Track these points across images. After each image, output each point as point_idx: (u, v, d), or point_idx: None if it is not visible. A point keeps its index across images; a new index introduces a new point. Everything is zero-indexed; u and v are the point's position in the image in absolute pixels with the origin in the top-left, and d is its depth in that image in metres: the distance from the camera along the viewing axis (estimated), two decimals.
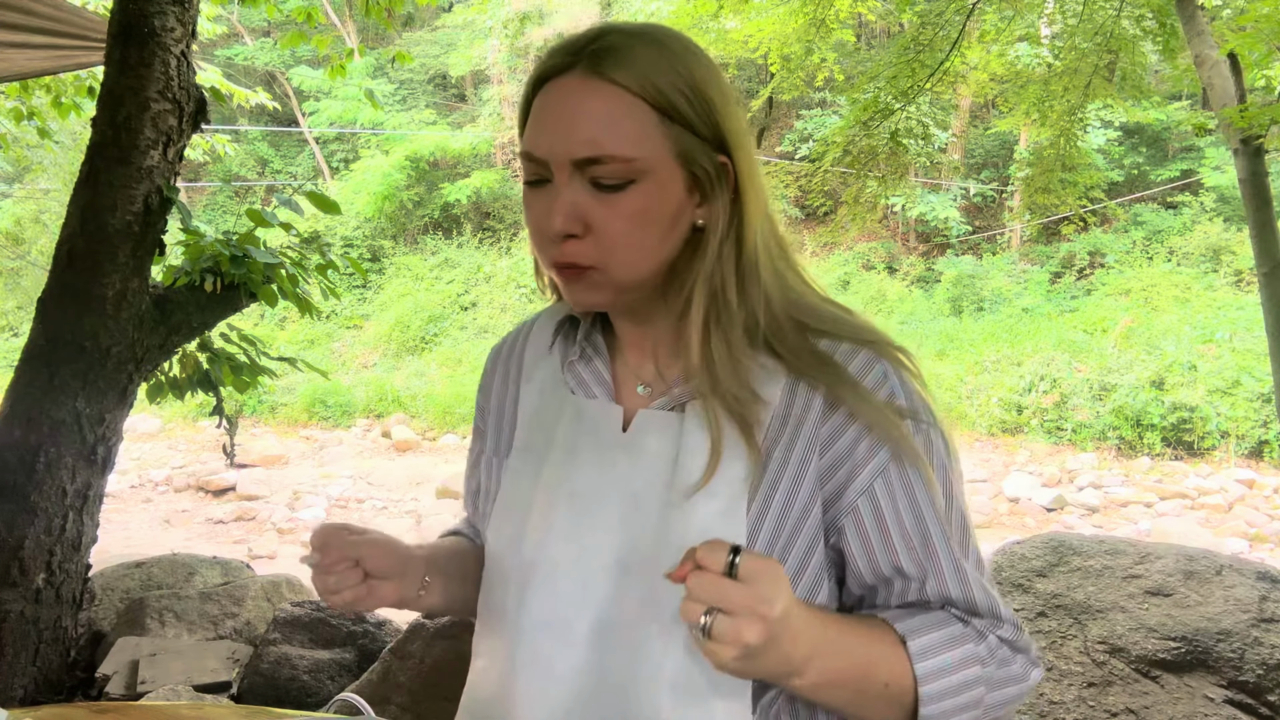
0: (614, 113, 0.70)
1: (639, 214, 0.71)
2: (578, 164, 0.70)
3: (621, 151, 0.69)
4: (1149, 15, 5.93)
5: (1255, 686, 2.19)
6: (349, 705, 0.88)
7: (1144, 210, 14.37)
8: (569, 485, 0.79)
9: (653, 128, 0.71)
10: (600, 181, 0.70)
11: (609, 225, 0.71)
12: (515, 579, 0.79)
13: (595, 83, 0.70)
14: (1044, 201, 7.29)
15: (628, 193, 0.71)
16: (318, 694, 2.79)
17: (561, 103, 0.71)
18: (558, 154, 0.71)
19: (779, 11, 6.68)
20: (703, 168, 0.73)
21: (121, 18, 2.58)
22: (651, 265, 0.74)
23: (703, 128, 0.72)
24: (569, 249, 0.72)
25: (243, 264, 2.83)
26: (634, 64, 0.70)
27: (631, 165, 0.70)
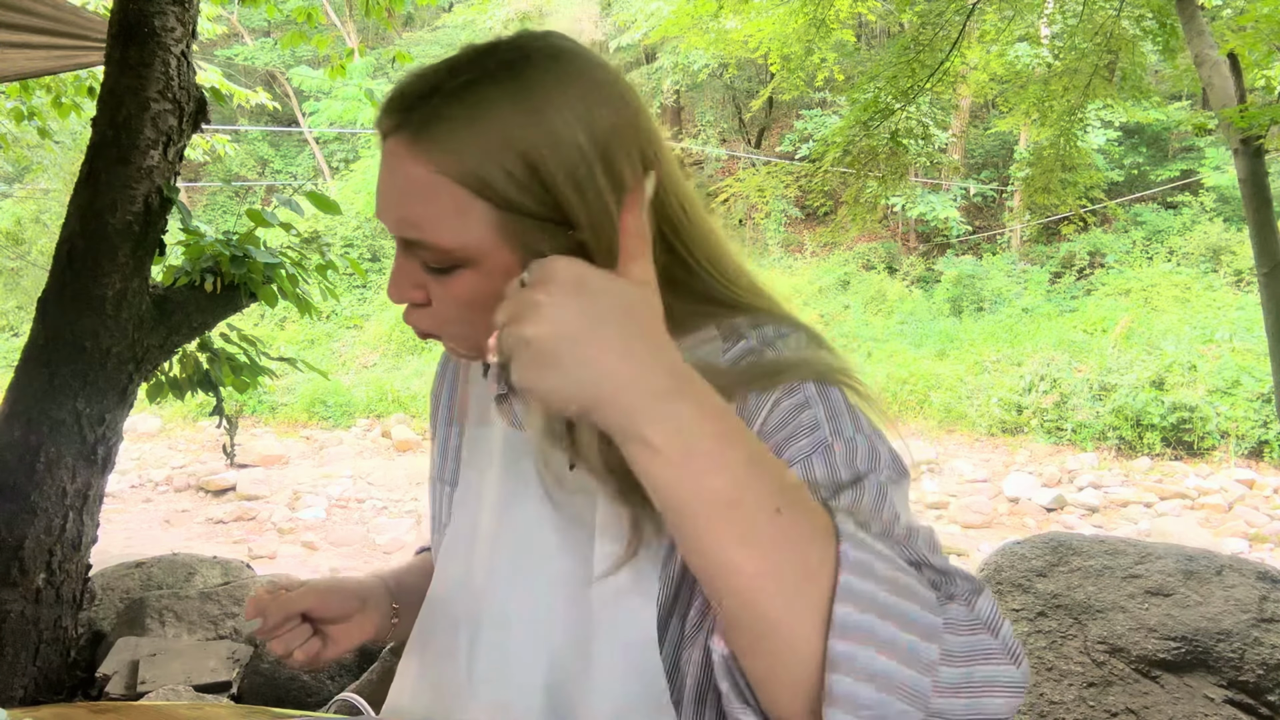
0: (428, 198, 0.61)
1: (467, 299, 0.64)
2: (402, 242, 0.65)
3: (436, 240, 0.62)
4: (1149, 15, 5.93)
5: (1255, 686, 2.19)
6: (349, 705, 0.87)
7: (1144, 210, 14.38)
8: (514, 529, 0.74)
9: (475, 215, 0.61)
10: (427, 263, 0.64)
11: (442, 306, 0.66)
12: (465, 626, 0.75)
13: (415, 157, 0.61)
14: (1044, 201, 7.30)
15: (456, 276, 0.63)
16: (318, 694, 2.79)
17: (386, 171, 0.64)
18: (386, 223, 0.65)
19: (779, 11, 6.68)
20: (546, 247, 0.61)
21: (121, 18, 2.58)
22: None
23: (540, 209, 0.60)
24: (412, 315, 0.68)
25: (243, 264, 2.83)
26: (452, 142, 0.60)
27: (451, 254, 0.62)
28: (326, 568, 7.95)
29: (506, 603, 0.73)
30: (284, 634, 0.77)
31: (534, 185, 0.60)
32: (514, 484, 0.75)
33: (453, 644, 0.76)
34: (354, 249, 16.59)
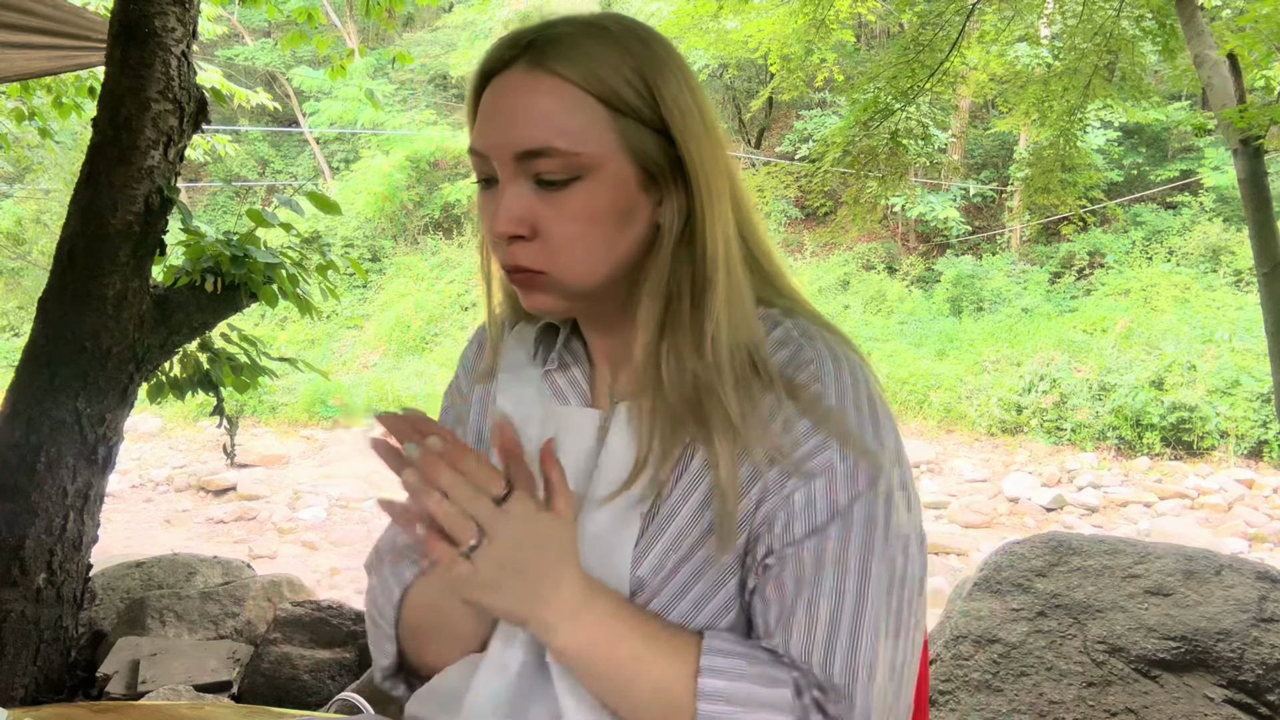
0: (557, 106, 0.66)
1: (586, 214, 0.67)
2: (520, 159, 0.67)
3: (564, 145, 0.66)
4: (1149, 15, 5.93)
5: (1255, 686, 2.20)
6: (349, 705, 0.88)
7: (1143, 210, 14.37)
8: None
9: (598, 121, 0.67)
10: (543, 178, 0.67)
11: (554, 227, 0.68)
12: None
13: (538, 75, 0.67)
14: (1044, 201, 7.31)
15: (573, 190, 0.67)
16: (318, 694, 2.79)
17: (504, 97, 0.68)
18: (500, 149, 0.68)
19: (779, 12, 6.68)
20: (655, 162, 0.69)
21: (122, 18, 2.58)
22: (604, 269, 0.70)
23: (653, 119, 0.68)
24: (515, 252, 0.69)
25: (243, 264, 2.83)
26: (578, 55, 0.67)
27: (575, 160, 0.66)
28: (326, 568, 7.95)
29: None
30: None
31: (648, 95, 0.68)
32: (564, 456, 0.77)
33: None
34: (354, 249, 16.59)
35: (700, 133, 0.69)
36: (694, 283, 0.69)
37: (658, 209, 0.71)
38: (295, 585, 3.48)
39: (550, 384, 0.80)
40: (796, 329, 0.72)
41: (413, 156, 17.71)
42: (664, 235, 0.70)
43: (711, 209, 0.69)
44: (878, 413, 0.70)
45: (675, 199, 0.70)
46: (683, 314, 0.69)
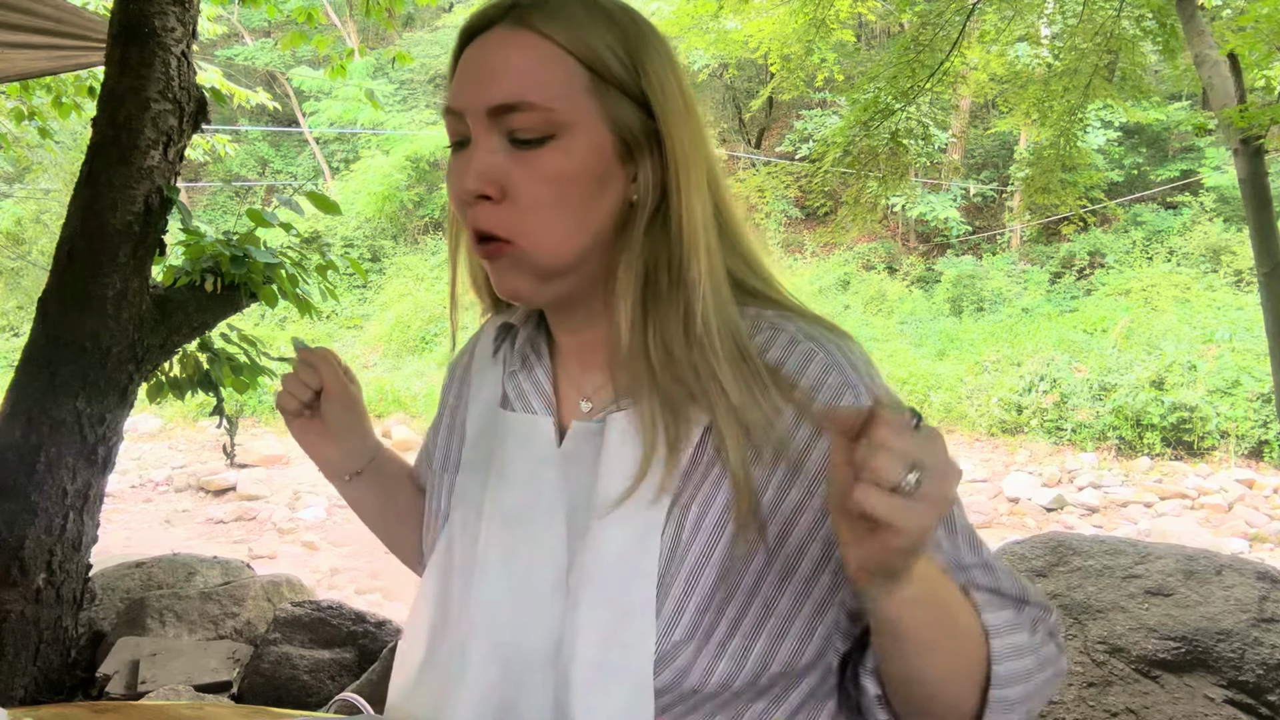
0: (535, 62, 0.65)
1: (558, 176, 0.65)
2: (493, 113, 0.65)
3: (539, 99, 0.64)
4: (1149, 15, 5.93)
5: (1255, 686, 2.20)
6: (349, 705, 0.88)
7: (1144, 210, 14.37)
8: (502, 509, 0.73)
9: (577, 81, 0.65)
10: (517, 135, 0.65)
11: (525, 188, 0.65)
12: (458, 612, 0.73)
13: (520, 32, 0.66)
14: (1044, 201, 7.30)
15: (547, 149, 0.65)
16: (318, 694, 2.79)
17: (483, 54, 0.67)
18: (474, 105, 0.66)
19: (779, 11, 6.68)
20: (632, 133, 0.67)
21: (122, 18, 2.58)
22: (575, 240, 0.67)
23: (634, 90, 0.67)
24: (483, 214, 0.66)
25: (243, 264, 2.83)
26: (563, 17, 0.66)
27: (550, 116, 0.64)
28: (326, 568, 7.95)
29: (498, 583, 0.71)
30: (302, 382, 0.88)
31: (630, 66, 0.67)
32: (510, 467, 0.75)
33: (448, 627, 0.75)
34: (354, 249, 16.60)
35: (680, 111, 0.68)
36: (670, 261, 0.67)
37: (632, 185, 0.68)
38: (295, 585, 3.48)
39: (513, 385, 0.78)
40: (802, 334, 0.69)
41: (413, 156, 17.71)
42: (638, 208, 0.68)
43: (688, 186, 0.67)
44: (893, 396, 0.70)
45: (651, 173, 0.68)
46: (662, 293, 0.67)
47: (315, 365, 0.87)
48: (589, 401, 0.74)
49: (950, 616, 0.64)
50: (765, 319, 0.70)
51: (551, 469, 0.72)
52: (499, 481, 0.74)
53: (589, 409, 0.74)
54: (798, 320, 0.71)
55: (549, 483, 0.72)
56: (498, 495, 0.74)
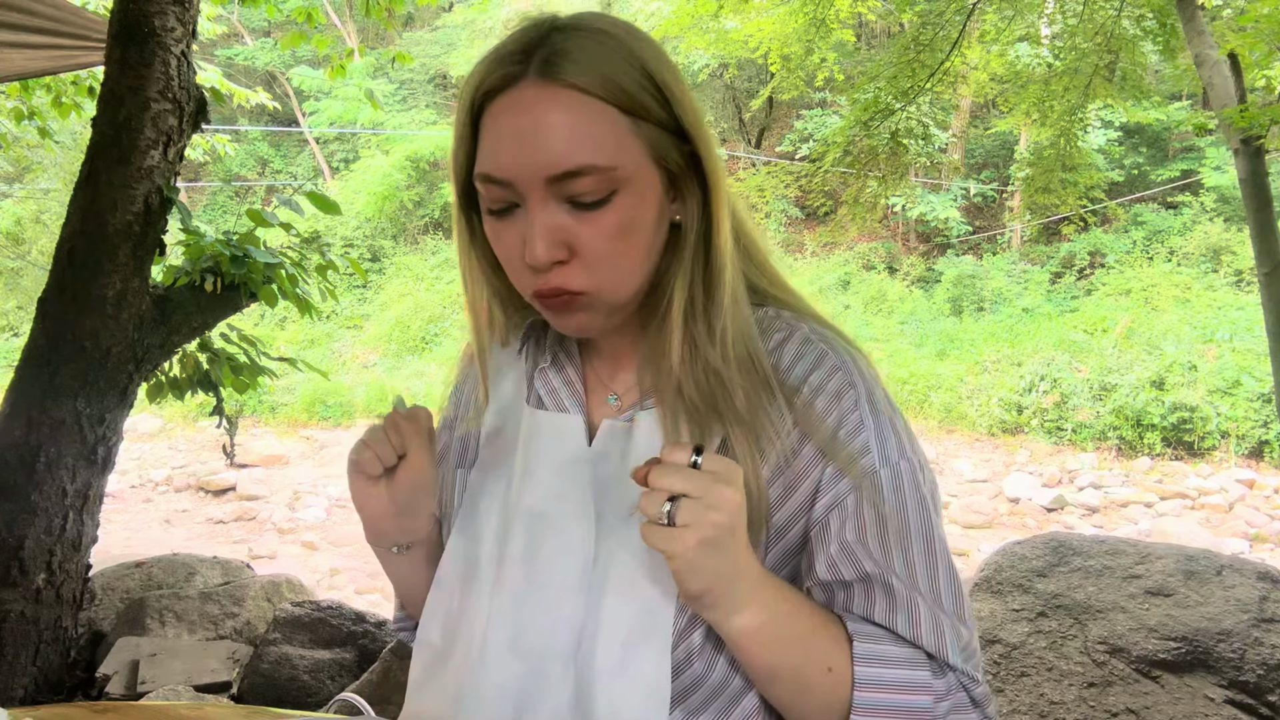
0: (582, 121, 0.63)
1: (623, 228, 0.65)
2: (552, 182, 0.63)
3: (600, 161, 0.63)
4: (1149, 15, 5.93)
5: (1255, 686, 2.19)
6: (349, 705, 0.88)
7: (1144, 210, 14.37)
8: (527, 505, 0.74)
9: (624, 130, 0.64)
10: (579, 199, 0.64)
11: (594, 245, 0.65)
12: (477, 605, 0.74)
13: (554, 90, 0.63)
14: (1044, 201, 7.30)
15: (610, 206, 0.64)
16: (318, 694, 2.79)
17: (521, 116, 0.63)
18: (527, 174, 0.63)
19: (779, 11, 6.68)
20: (675, 163, 0.67)
21: (121, 18, 2.58)
22: (641, 278, 0.69)
23: (667, 119, 0.66)
24: (556, 276, 0.66)
25: (243, 264, 2.82)
26: (589, 63, 0.63)
27: (611, 176, 0.64)
28: (326, 568, 7.95)
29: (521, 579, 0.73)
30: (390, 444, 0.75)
31: (657, 93, 0.65)
32: (537, 465, 0.76)
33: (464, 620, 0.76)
34: (354, 249, 16.60)
35: (704, 126, 0.69)
36: (706, 276, 0.69)
37: (676, 207, 0.70)
38: (295, 585, 3.48)
39: (542, 382, 0.79)
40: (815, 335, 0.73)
41: (413, 156, 17.71)
42: (687, 233, 0.70)
43: (721, 203, 0.69)
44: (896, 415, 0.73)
45: (694, 196, 0.69)
46: (698, 308, 0.69)
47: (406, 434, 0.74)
48: (618, 398, 0.76)
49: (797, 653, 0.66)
50: (783, 319, 0.74)
51: (582, 467, 0.74)
52: (526, 478, 0.75)
53: (616, 405, 0.76)
54: (811, 322, 0.74)
55: (579, 481, 0.73)
56: (525, 491, 0.75)
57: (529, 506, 0.74)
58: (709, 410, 0.69)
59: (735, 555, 0.62)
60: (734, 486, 0.61)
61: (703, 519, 0.59)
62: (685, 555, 0.60)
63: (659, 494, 0.60)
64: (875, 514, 0.68)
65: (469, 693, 0.72)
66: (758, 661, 0.66)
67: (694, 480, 0.60)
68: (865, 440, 0.69)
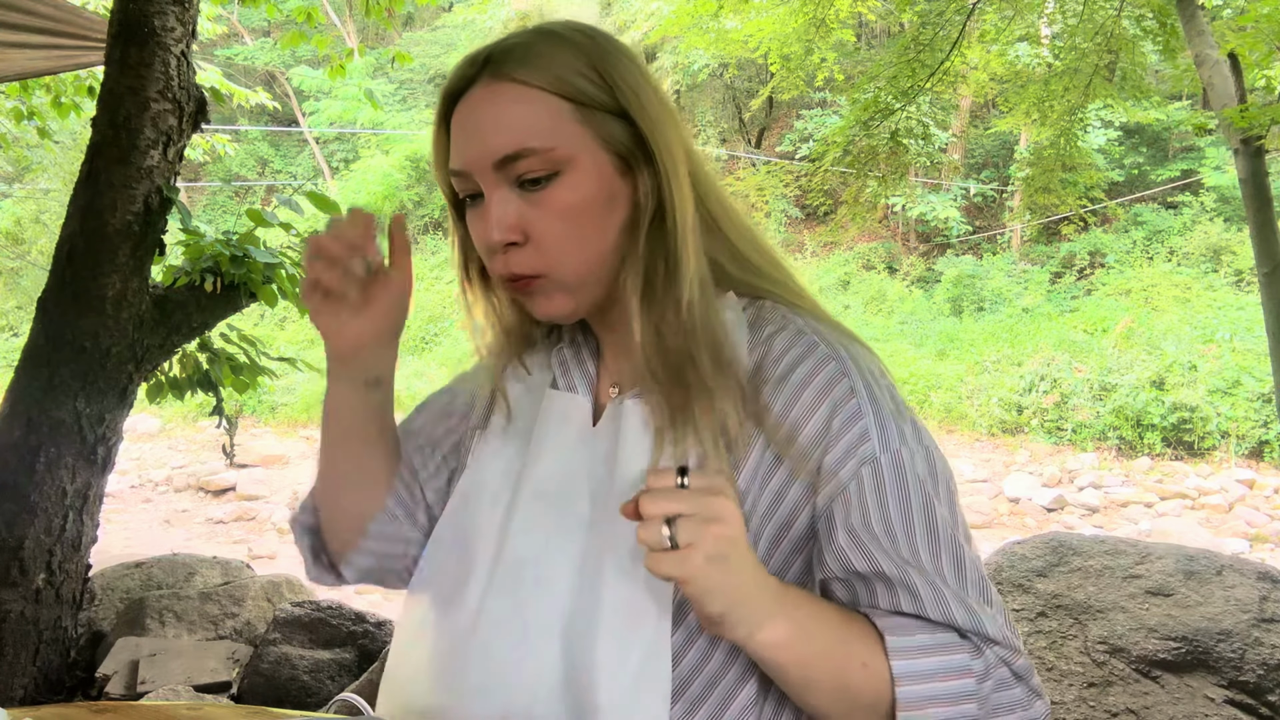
0: (524, 109, 0.70)
1: (571, 209, 0.70)
2: (499, 165, 0.70)
3: (538, 143, 0.69)
4: (1149, 15, 5.92)
5: (1255, 686, 2.19)
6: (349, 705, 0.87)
7: (1144, 210, 14.37)
8: (532, 480, 0.77)
9: (565, 117, 0.70)
10: (525, 178, 0.70)
11: (544, 226, 0.70)
12: (478, 572, 0.76)
13: (501, 85, 0.71)
14: (1044, 201, 7.30)
15: (556, 187, 0.70)
16: (318, 694, 2.79)
17: (473, 112, 0.71)
18: (478, 161, 0.70)
19: (779, 11, 6.67)
20: (624, 146, 0.72)
21: (121, 18, 2.58)
22: (595, 259, 0.73)
23: (614, 105, 0.72)
24: (512, 259, 0.72)
25: (243, 264, 2.83)
26: (533, 59, 0.71)
27: (551, 155, 0.69)
28: None
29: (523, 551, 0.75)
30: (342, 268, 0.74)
31: (603, 84, 0.71)
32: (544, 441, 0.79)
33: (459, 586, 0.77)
34: None
35: (660, 115, 0.73)
36: (667, 256, 0.72)
37: (634, 192, 0.73)
38: (295, 585, 3.48)
39: (558, 361, 0.82)
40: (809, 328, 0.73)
41: (412, 156, 17.72)
42: (641, 214, 0.73)
43: (677, 186, 0.72)
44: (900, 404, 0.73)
45: (646, 179, 0.73)
46: (658, 288, 0.72)
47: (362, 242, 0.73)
48: (616, 386, 0.80)
49: (830, 657, 0.64)
50: (778, 312, 0.75)
51: (584, 447, 0.77)
52: (533, 454, 0.79)
53: (616, 392, 0.79)
54: (808, 316, 0.75)
55: (580, 459, 0.76)
56: (531, 466, 0.78)
57: (533, 481, 0.77)
58: (679, 384, 0.70)
59: (746, 567, 0.62)
60: (726, 495, 0.62)
61: (704, 534, 0.60)
62: (697, 576, 0.60)
63: (655, 521, 0.60)
64: (879, 500, 0.68)
65: (458, 658, 0.74)
66: (792, 673, 0.64)
67: (686, 499, 0.60)
68: (863, 427, 0.69)
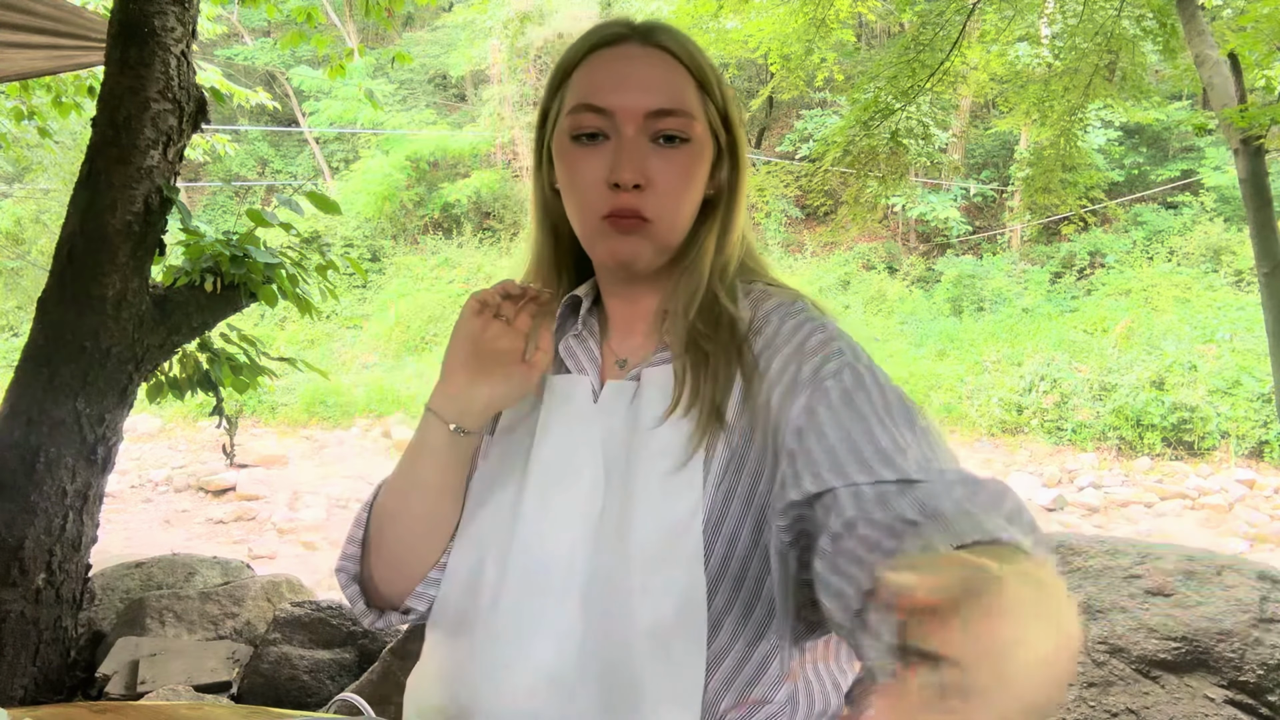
0: (679, 78, 0.79)
1: (688, 171, 0.79)
2: (650, 116, 0.77)
3: (687, 107, 0.78)
4: (1149, 15, 5.93)
5: (1256, 687, 2.19)
6: (349, 705, 0.88)
7: (1144, 210, 14.37)
8: (541, 456, 0.81)
9: (697, 96, 0.79)
10: (665, 134, 0.77)
11: (665, 178, 0.77)
12: (493, 551, 0.80)
13: (655, 51, 0.79)
14: (1044, 201, 7.30)
15: (682, 149, 0.78)
16: (318, 694, 2.79)
17: (628, 62, 0.79)
18: (630, 107, 0.77)
19: (779, 11, 6.68)
20: (720, 138, 0.82)
21: (121, 18, 2.58)
22: (686, 224, 0.81)
23: (721, 103, 0.81)
24: (629, 200, 0.77)
25: (243, 264, 2.83)
26: (679, 41, 0.80)
27: (690, 123, 0.78)
28: (326, 568, 7.95)
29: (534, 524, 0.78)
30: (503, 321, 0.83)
31: (717, 83, 0.81)
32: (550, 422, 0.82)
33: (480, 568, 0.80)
34: (354, 249, 16.59)
35: (738, 117, 0.83)
36: (726, 244, 0.83)
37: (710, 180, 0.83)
38: (295, 585, 3.48)
39: (566, 350, 0.87)
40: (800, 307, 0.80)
41: (413, 156, 17.72)
42: (719, 202, 0.84)
43: (745, 189, 0.84)
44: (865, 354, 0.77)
45: (725, 175, 0.84)
46: (716, 269, 0.82)
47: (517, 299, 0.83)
48: (623, 361, 0.85)
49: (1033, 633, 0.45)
50: (774, 293, 0.83)
51: (590, 423, 0.81)
52: (542, 436, 0.82)
53: (623, 368, 0.84)
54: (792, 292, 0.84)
55: (585, 434, 0.80)
56: (540, 444, 0.82)
57: (542, 458, 0.81)
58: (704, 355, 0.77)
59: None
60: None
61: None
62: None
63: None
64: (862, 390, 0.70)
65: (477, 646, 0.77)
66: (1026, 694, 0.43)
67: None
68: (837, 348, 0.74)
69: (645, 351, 0.84)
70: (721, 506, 0.74)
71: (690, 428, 0.75)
